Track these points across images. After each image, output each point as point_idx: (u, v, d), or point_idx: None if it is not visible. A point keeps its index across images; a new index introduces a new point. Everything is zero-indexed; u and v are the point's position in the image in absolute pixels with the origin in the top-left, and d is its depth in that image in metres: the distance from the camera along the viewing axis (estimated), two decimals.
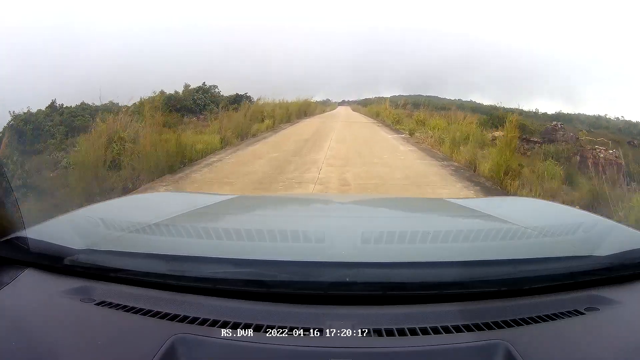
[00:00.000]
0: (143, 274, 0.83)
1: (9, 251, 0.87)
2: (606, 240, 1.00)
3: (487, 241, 1.12)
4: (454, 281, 0.81)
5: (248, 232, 1.09)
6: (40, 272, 0.87)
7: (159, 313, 0.75)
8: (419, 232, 1.16)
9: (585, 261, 0.87)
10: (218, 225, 1.20)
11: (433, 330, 0.70)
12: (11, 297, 0.80)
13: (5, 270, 0.85)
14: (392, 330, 0.70)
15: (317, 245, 1.08)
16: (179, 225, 1.14)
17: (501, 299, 0.80)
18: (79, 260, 0.85)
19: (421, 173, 6.64)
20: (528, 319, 0.74)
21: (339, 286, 0.79)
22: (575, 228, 1.14)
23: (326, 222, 1.39)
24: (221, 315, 0.73)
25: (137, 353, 0.67)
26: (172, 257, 0.88)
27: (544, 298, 0.80)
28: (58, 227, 1.06)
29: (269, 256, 0.92)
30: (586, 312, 0.76)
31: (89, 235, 0.98)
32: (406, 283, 0.80)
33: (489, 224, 1.28)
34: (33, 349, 0.68)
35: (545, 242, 1.07)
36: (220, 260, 0.88)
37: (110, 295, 0.80)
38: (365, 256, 0.94)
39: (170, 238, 1.08)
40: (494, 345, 0.67)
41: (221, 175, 6.35)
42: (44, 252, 0.88)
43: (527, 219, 1.26)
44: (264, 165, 7.03)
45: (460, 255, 0.94)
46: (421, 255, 0.98)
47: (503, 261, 0.89)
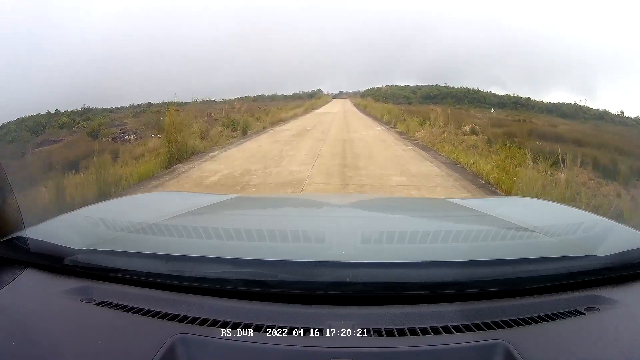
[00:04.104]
0: (143, 274, 0.83)
1: (9, 251, 0.87)
2: (606, 240, 1.00)
3: (487, 241, 1.12)
4: (453, 281, 0.81)
5: (248, 232, 1.09)
6: (40, 272, 0.87)
7: (159, 313, 0.75)
8: (419, 232, 1.16)
9: (585, 261, 0.87)
10: (218, 225, 1.20)
11: (433, 330, 0.70)
12: (11, 297, 0.80)
13: (5, 270, 0.85)
14: (392, 330, 0.70)
15: (317, 245, 1.08)
16: (179, 225, 1.14)
17: (501, 299, 0.80)
18: (79, 260, 0.85)
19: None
20: (528, 319, 0.74)
21: (339, 286, 0.79)
22: (575, 228, 1.14)
23: (326, 222, 1.39)
24: (221, 315, 0.73)
25: (137, 353, 0.67)
26: (172, 257, 0.88)
27: (544, 298, 0.80)
28: (58, 227, 1.06)
29: (269, 256, 0.92)
30: (586, 312, 0.76)
31: (89, 235, 0.98)
32: (406, 283, 0.80)
33: (489, 224, 1.28)
34: (33, 349, 0.68)
35: (545, 242, 1.06)
36: (220, 260, 0.88)
37: (110, 295, 0.80)
38: (365, 256, 0.94)
39: (170, 238, 1.08)
40: (494, 346, 0.67)
41: None
42: (44, 252, 0.88)
43: (527, 219, 1.26)
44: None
45: (460, 255, 0.94)
46: (421, 255, 0.98)
47: (503, 261, 0.89)
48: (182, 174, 6.58)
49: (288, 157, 7.60)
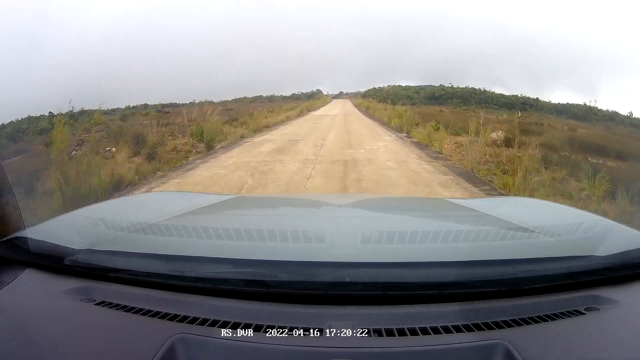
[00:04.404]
0: (143, 274, 0.83)
1: (9, 251, 0.87)
2: (606, 240, 1.00)
3: (487, 241, 1.12)
4: (454, 281, 0.81)
5: (248, 232, 1.09)
6: (40, 272, 0.87)
7: (159, 313, 0.75)
8: (419, 232, 1.16)
9: (585, 261, 0.87)
10: (218, 225, 1.20)
11: (433, 330, 0.70)
12: (11, 297, 0.80)
13: (5, 270, 0.85)
14: (392, 330, 0.70)
15: (317, 245, 1.08)
16: (179, 225, 1.14)
17: (501, 299, 0.80)
18: (79, 260, 0.85)
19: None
20: (528, 319, 0.74)
21: (339, 286, 0.79)
22: (575, 228, 1.14)
23: (326, 222, 1.39)
24: (221, 315, 0.73)
25: (137, 353, 0.67)
26: (172, 257, 0.88)
27: (544, 298, 0.80)
28: (58, 227, 1.06)
29: (269, 256, 0.92)
30: (586, 312, 0.76)
31: (89, 235, 0.98)
32: (406, 283, 0.80)
33: (489, 224, 1.28)
34: (33, 349, 0.68)
35: (545, 242, 1.06)
36: (220, 260, 0.88)
37: (110, 295, 0.80)
38: (365, 256, 0.94)
39: (170, 238, 1.08)
40: (494, 345, 0.67)
41: None
42: (44, 252, 0.88)
43: (527, 219, 1.26)
44: None
45: (460, 255, 0.94)
46: (421, 255, 0.98)
47: (503, 261, 0.89)
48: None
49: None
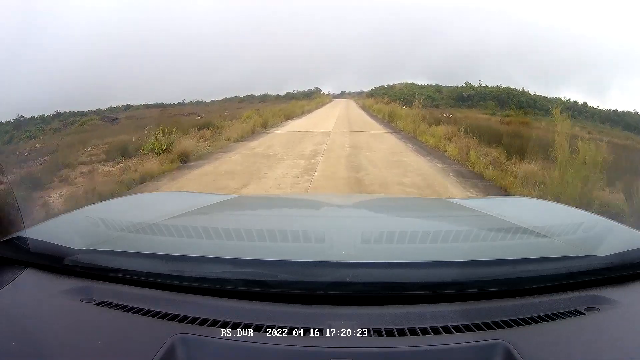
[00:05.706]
0: (143, 274, 0.83)
1: (9, 251, 0.87)
2: (606, 240, 1.00)
3: (487, 241, 1.12)
4: (453, 281, 0.81)
5: (248, 232, 1.09)
6: (40, 272, 0.87)
7: (159, 313, 0.75)
8: (419, 232, 1.16)
9: (585, 261, 0.87)
10: (218, 225, 1.20)
11: (433, 330, 0.70)
12: (11, 297, 0.80)
13: (5, 270, 0.85)
14: (392, 330, 0.70)
15: (317, 245, 1.08)
16: (179, 225, 1.14)
17: (501, 299, 0.80)
18: (79, 260, 0.85)
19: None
20: (528, 319, 0.74)
21: (339, 286, 0.79)
22: (575, 228, 1.14)
23: (326, 222, 1.39)
24: (221, 315, 0.73)
25: (137, 353, 0.67)
26: (172, 257, 0.88)
27: (544, 298, 0.80)
28: (58, 227, 1.06)
29: (269, 256, 0.92)
30: (586, 312, 0.76)
31: (89, 235, 0.98)
32: (406, 283, 0.80)
33: (489, 224, 1.28)
34: (33, 349, 0.68)
35: (545, 242, 1.06)
36: (221, 260, 0.88)
37: (110, 295, 0.80)
38: (365, 256, 0.94)
39: (170, 238, 1.08)
40: (494, 345, 0.67)
41: None
42: (44, 252, 0.88)
43: (527, 219, 1.26)
44: None
45: (460, 255, 0.94)
46: (421, 255, 0.98)
47: (503, 261, 0.89)
48: None
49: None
